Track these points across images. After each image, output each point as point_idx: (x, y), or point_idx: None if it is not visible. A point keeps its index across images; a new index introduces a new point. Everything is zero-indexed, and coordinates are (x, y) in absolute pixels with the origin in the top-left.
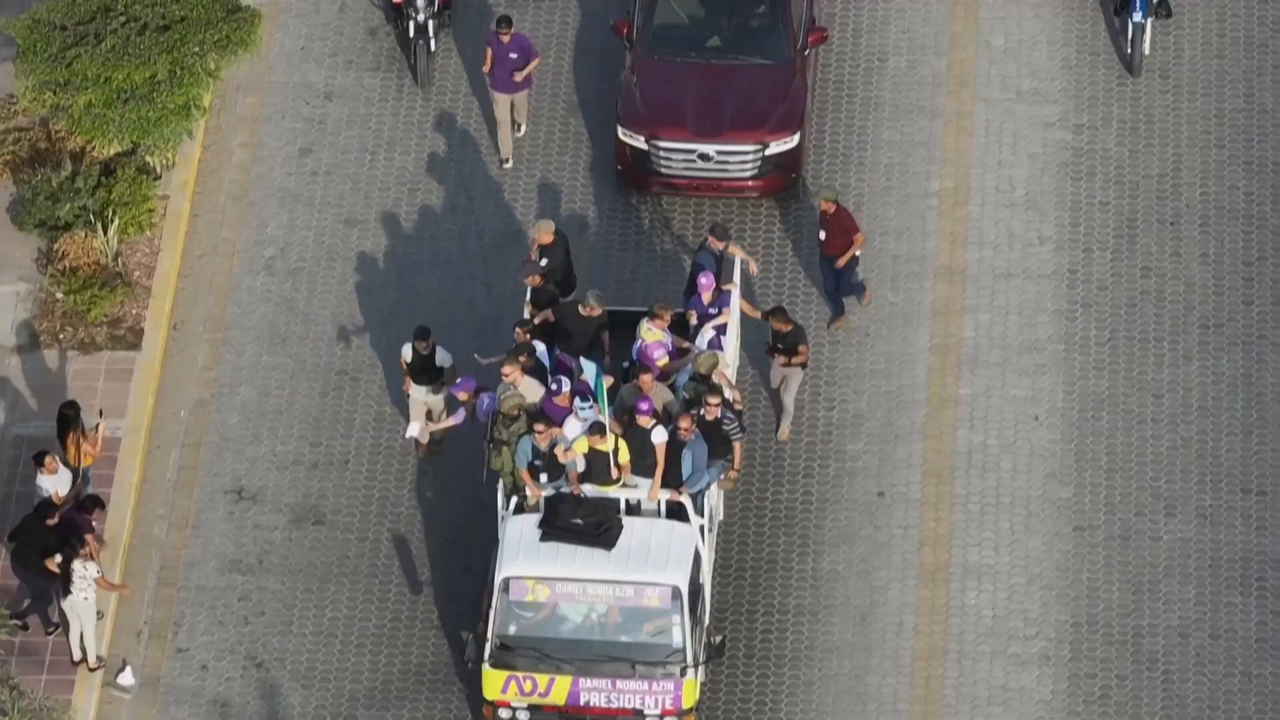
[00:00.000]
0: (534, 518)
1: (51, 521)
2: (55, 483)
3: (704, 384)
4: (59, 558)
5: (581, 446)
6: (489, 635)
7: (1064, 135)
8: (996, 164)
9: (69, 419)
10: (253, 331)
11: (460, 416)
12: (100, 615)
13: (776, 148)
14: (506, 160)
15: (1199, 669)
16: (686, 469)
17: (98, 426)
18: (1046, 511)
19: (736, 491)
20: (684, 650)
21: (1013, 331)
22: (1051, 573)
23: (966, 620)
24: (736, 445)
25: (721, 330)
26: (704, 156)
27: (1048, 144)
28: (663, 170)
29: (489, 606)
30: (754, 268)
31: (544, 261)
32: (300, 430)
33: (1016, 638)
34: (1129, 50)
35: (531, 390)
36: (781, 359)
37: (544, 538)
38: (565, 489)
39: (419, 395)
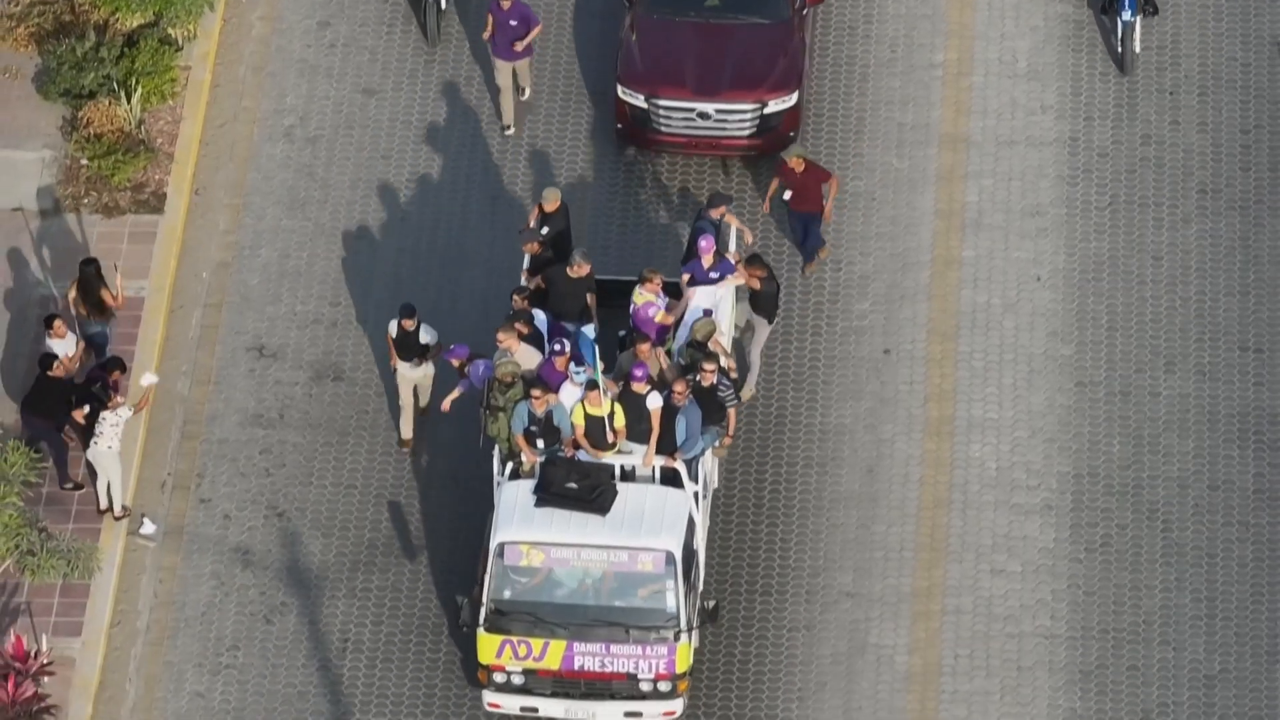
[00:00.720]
0: (529, 483)
1: (54, 373)
2: (63, 346)
3: (700, 350)
4: (86, 409)
5: (578, 416)
6: (484, 600)
7: (1065, 9)
8: (1000, 36)
9: (89, 276)
10: (273, 196)
11: (465, 386)
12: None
13: (775, 106)
14: (508, 128)
15: (1197, 519)
16: (681, 435)
17: (117, 279)
18: (1048, 368)
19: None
20: (678, 615)
21: (1015, 196)
22: (1053, 426)
23: (970, 472)
24: (731, 411)
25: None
26: (703, 115)
27: (1049, 17)
28: (662, 129)
29: (484, 571)
30: (749, 238)
31: (545, 229)
32: (320, 290)
33: (1019, 488)
34: (1119, 49)
35: (527, 357)
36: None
37: (539, 503)
38: (561, 453)
39: (405, 371)
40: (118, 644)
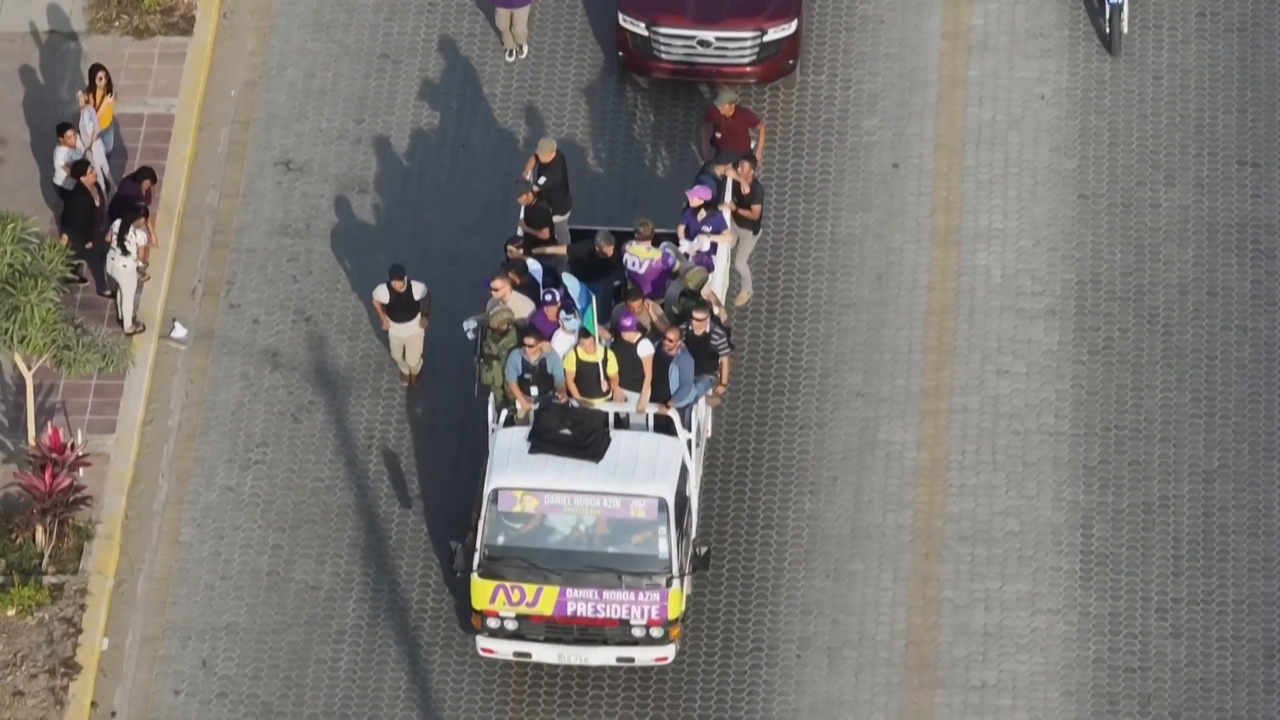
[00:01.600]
0: (523, 430)
1: (86, 179)
2: (71, 155)
3: (693, 299)
4: (116, 226)
5: (569, 362)
6: (478, 545)
7: None
8: None
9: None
10: (298, 19)
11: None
12: (145, 275)
13: (775, 34)
14: (510, 53)
15: (1197, 323)
16: (674, 383)
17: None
18: (1052, 181)
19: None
20: (670, 561)
21: (1019, 19)
22: (1057, 236)
23: (977, 279)
24: (724, 360)
25: (712, 249)
26: (703, 43)
27: None
28: (662, 56)
29: (478, 517)
30: (746, 188)
31: (542, 179)
32: (344, 108)
33: (1024, 294)
34: (1107, 30)
35: (520, 306)
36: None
37: (533, 450)
38: (555, 400)
39: (398, 332)
40: (150, 441)
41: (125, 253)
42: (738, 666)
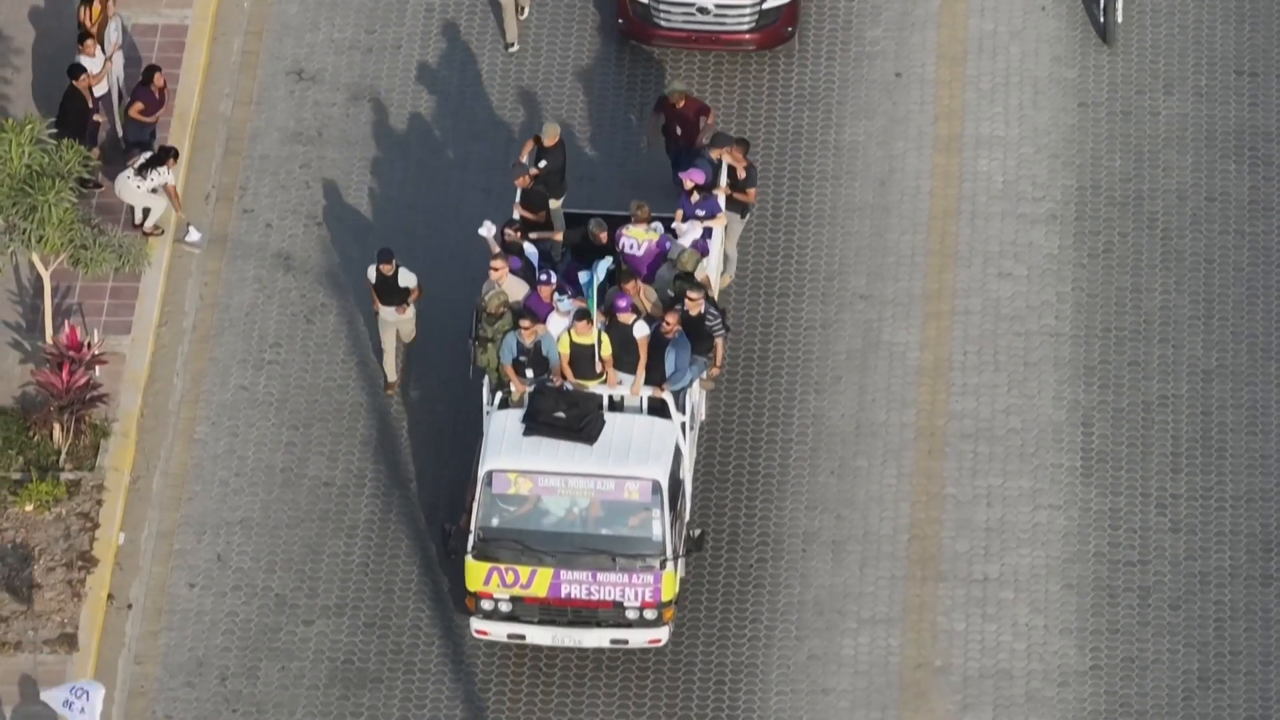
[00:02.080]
0: (518, 413)
1: (79, 83)
2: (92, 64)
3: (688, 281)
4: (143, 157)
5: (563, 344)
6: (472, 527)
7: None
8: None
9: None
10: None
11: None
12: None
13: (774, 1)
14: (512, 45)
15: (1195, 227)
16: (669, 366)
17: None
18: (1053, 90)
19: (761, 69)
20: (664, 544)
21: None
22: (1058, 143)
23: (979, 184)
24: (718, 342)
25: (706, 233)
26: (703, 10)
27: None
28: (662, 24)
29: (472, 499)
30: (750, 192)
31: (543, 163)
32: (356, 19)
33: (1025, 199)
34: (1102, 19)
35: (516, 289)
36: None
37: (527, 432)
38: (549, 383)
39: (386, 315)
40: (165, 342)
41: (142, 178)
42: (744, 561)
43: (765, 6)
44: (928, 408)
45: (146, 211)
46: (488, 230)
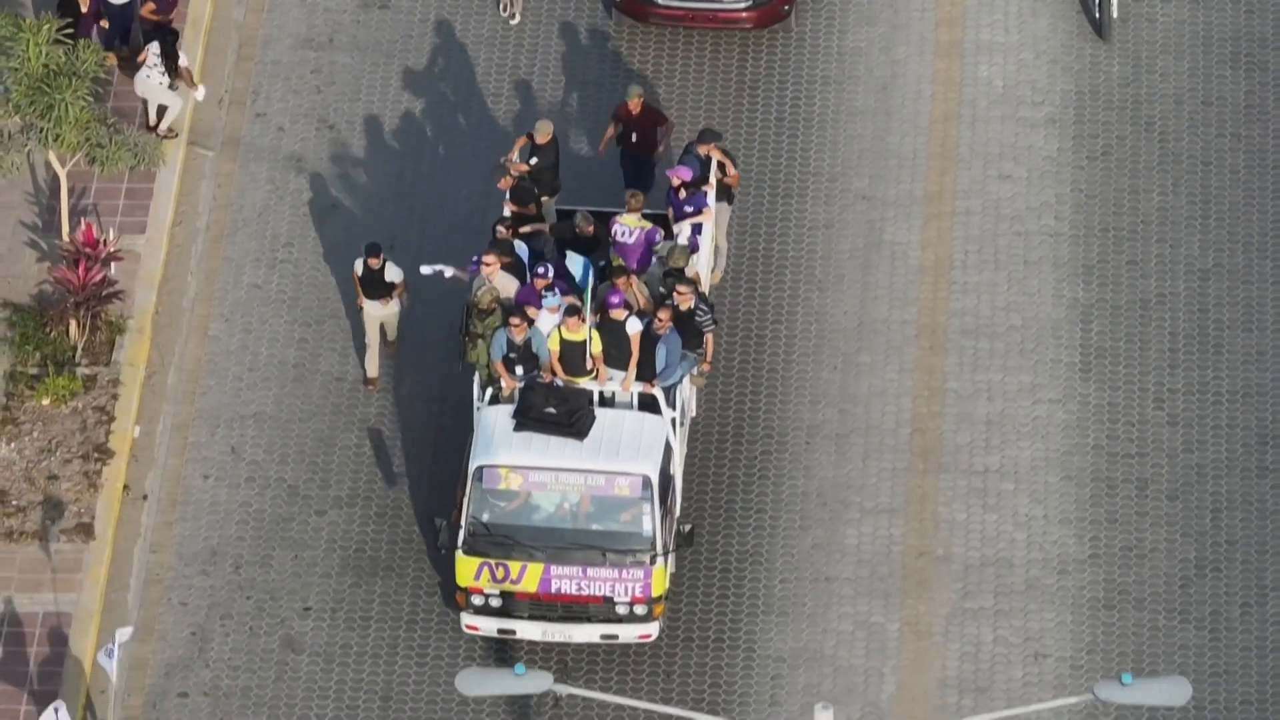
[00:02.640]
0: (508, 408)
1: None
2: None
3: (678, 277)
4: (155, 47)
5: (553, 341)
6: (462, 522)
7: None
8: None
9: None
10: None
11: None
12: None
13: None
14: (513, 17)
15: (1192, 131)
16: (660, 362)
17: None
18: None
19: None
20: (654, 539)
21: None
22: (1057, 49)
23: (979, 89)
24: (708, 337)
25: (697, 230)
26: None
27: None
28: (660, 2)
29: (463, 494)
30: (731, 173)
31: (534, 160)
32: None
33: (1025, 103)
34: (1097, 14)
35: (506, 285)
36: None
37: (518, 427)
38: (540, 378)
39: (371, 310)
40: (179, 242)
41: (161, 72)
42: (748, 453)
43: None
44: (929, 305)
45: (161, 111)
46: (429, 270)
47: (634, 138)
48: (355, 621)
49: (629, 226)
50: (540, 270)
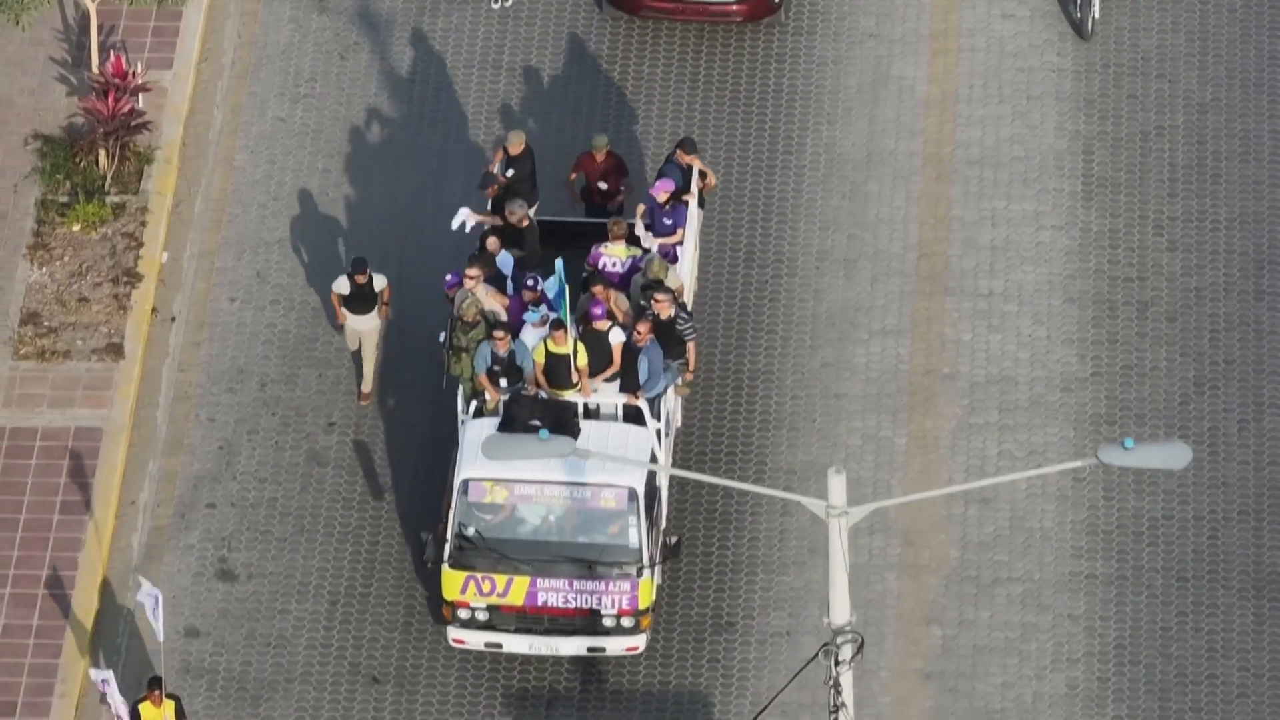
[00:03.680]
0: (493, 421)
1: None
2: None
3: (656, 286)
4: None
5: (538, 354)
6: (448, 536)
7: None
8: None
9: None
10: None
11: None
12: None
13: None
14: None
15: None
16: (643, 374)
17: None
18: None
19: None
20: (640, 551)
21: None
22: None
23: None
24: (691, 345)
25: (677, 243)
26: None
27: None
28: None
29: (448, 508)
30: (712, 181)
31: (510, 172)
32: None
33: None
34: (1078, 14)
35: (490, 298)
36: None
37: None
38: (524, 391)
39: (355, 325)
40: (205, 77)
41: None
42: (759, 276)
43: None
44: (935, 137)
45: None
46: (459, 222)
47: (601, 186)
48: (378, 436)
49: (617, 258)
50: (530, 283)
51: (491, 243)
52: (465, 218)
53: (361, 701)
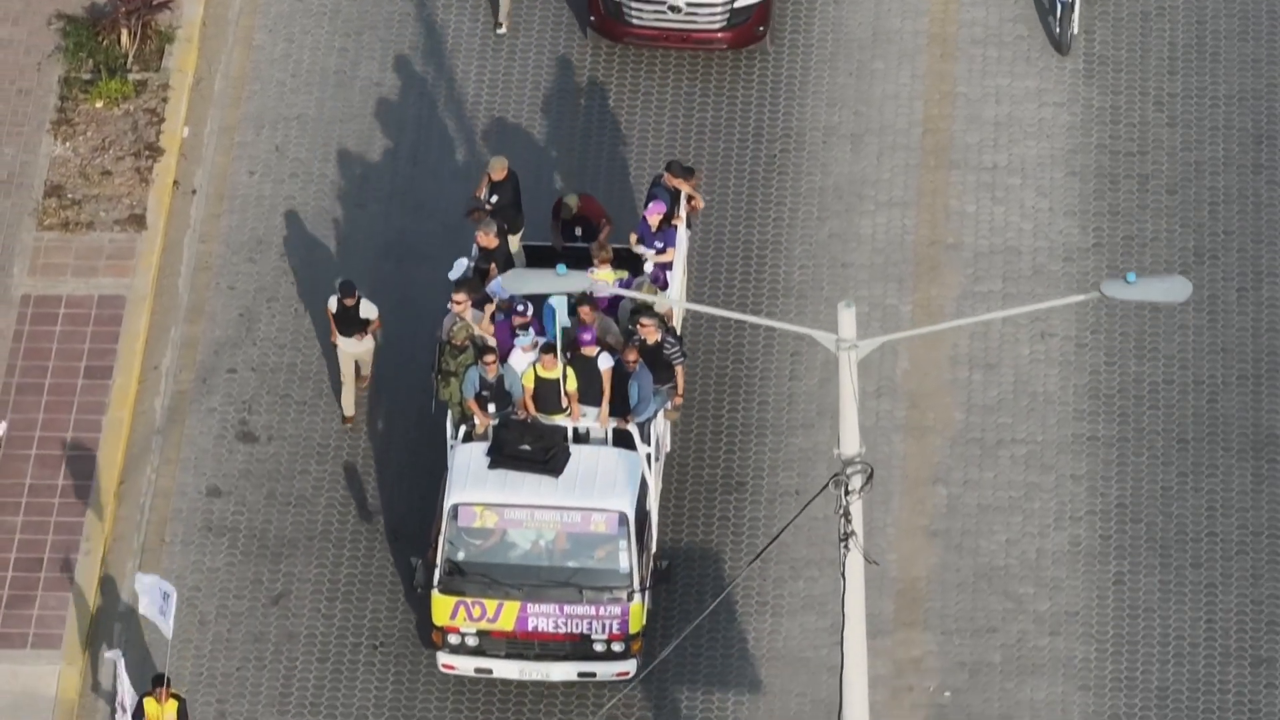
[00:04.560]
0: (482, 446)
1: None
2: None
3: (643, 311)
4: None
5: (528, 379)
6: (438, 561)
7: None
8: None
9: None
10: None
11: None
12: None
13: (745, 0)
14: (500, 26)
15: None
16: (633, 398)
17: None
18: None
19: None
20: (631, 576)
21: None
22: None
23: None
24: (679, 369)
25: (666, 267)
26: (674, 8)
27: None
28: (634, 22)
29: (438, 533)
30: (698, 203)
31: (494, 198)
32: None
33: None
34: (1058, 30)
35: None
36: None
37: (492, 465)
38: (514, 415)
39: (346, 347)
40: None
41: None
42: (768, 151)
43: (737, 5)
44: (940, 16)
45: None
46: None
47: (578, 231)
48: (396, 303)
49: (605, 282)
50: (520, 308)
51: (493, 271)
52: (465, 269)
53: (380, 557)
